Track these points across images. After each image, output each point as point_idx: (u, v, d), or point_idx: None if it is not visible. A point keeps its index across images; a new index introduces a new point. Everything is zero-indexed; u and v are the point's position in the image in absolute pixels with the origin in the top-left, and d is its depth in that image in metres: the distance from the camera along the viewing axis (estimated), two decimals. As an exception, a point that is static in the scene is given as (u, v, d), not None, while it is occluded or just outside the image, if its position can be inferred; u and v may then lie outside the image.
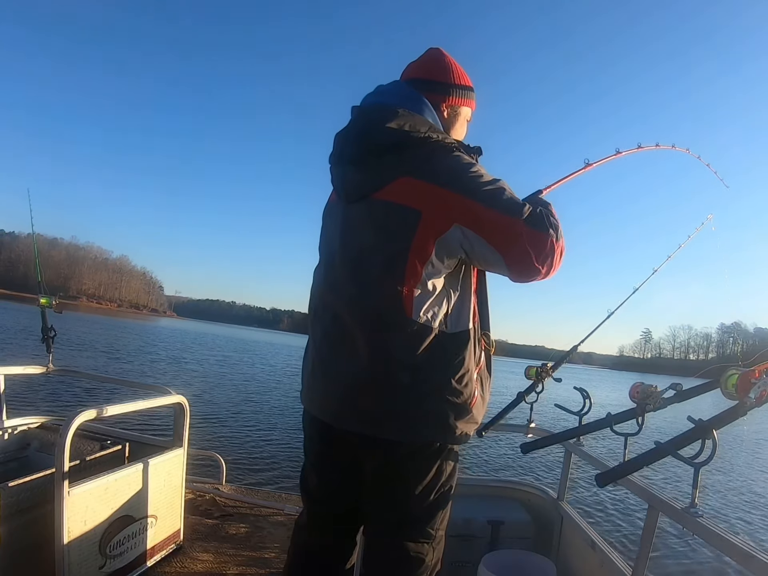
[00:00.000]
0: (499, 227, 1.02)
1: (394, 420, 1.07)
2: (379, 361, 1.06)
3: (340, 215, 1.18)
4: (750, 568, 1.05)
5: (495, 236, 1.02)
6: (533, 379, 1.95)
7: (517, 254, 1.03)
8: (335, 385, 1.13)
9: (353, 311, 1.10)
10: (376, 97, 1.19)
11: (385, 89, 1.20)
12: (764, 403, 1.09)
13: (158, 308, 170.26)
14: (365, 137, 1.10)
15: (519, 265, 1.05)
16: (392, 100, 1.14)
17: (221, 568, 2.20)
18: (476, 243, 1.03)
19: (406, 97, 1.15)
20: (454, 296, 1.10)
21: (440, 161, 1.06)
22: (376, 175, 1.09)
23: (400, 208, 1.05)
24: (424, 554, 1.14)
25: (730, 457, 9.00)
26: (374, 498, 1.17)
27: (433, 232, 1.03)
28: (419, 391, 1.06)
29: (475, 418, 1.14)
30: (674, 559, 4.15)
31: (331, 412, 1.15)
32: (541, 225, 1.03)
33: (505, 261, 1.04)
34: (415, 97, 1.15)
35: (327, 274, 1.19)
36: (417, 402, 1.06)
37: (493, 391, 1.24)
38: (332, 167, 1.21)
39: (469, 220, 1.02)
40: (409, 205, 1.04)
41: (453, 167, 1.06)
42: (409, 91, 1.16)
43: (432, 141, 1.07)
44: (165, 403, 2.14)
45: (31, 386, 7.58)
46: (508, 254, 1.03)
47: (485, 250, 1.04)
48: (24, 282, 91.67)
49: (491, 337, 1.20)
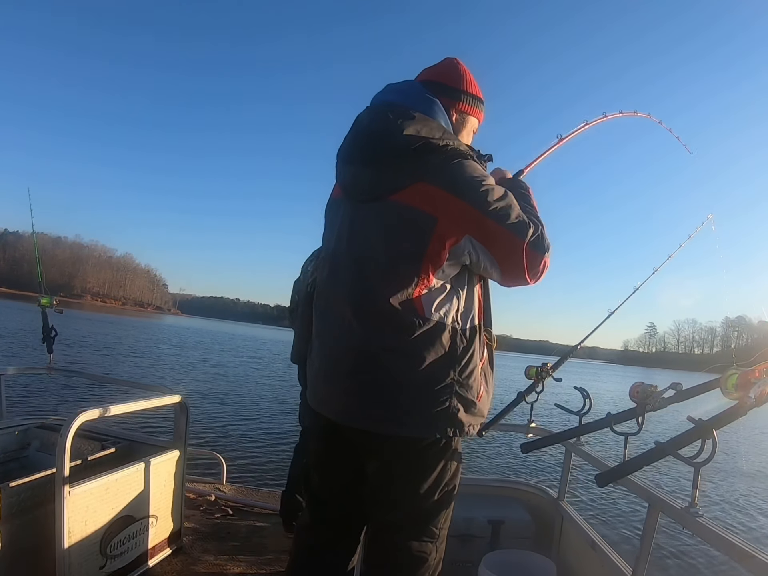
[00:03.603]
0: (505, 244, 1.09)
1: (401, 416, 1.07)
2: (388, 357, 1.07)
3: (348, 214, 1.17)
4: (750, 568, 1.05)
5: (499, 251, 1.10)
6: (533, 378, 1.94)
7: (513, 269, 1.12)
8: (342, 382, 1.13)
9: (360, 309, 1.10)
10: (387, 95, 1.19)
11: (398, 88, 1.20)
12: (764, 403, 1.09)
13: (162, 306, 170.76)
14: (381, 140, 1.10)
15: (512, 276, 1.15)
16: (406, 101, 1.14)
17: (222, 568, 2.20)
18: (482, 254, 1.10)
19: (420, 99, 1.15)
20: (463, 294, 1.14)
21: (456, 170, 1.08)
22: (392, 178, 1.10)
23: (417, 212, 1.06)
24: (427, 553, 1.14)
25: (731, 456, 8.98)
26: (379, 496, 1.17)
27: (447, 239, 1.06)
28: (430, 387, 1.07)
29: (482, 412, 1.16)
30: (674, 558, 4.14)
31: (338, 410, 1.15)
32: (540, 247, 1.11)
33: (501, 271, 1.13)
34: (429, 99, 1.16)
35: (332, 273, 1.19)
36: (428, 398, 1.07)
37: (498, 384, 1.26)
38: (340, 164, 1.20)
39: (480, 233, 1.07)
40: (426, 211, 1.06)
41: (469, 179, 1.08)
42: (422, 93, 1.17)
43: (449, 148, 1.09)
44: (165, 403, 2.14)
45: (32, 386, 7.59)
46: (506, 267, 1.12)
47: (487, 261, 1.11)
48: (29, 280, 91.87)
49: (493, 333, 1.23)
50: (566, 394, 2.18)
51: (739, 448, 9.40)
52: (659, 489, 1.44)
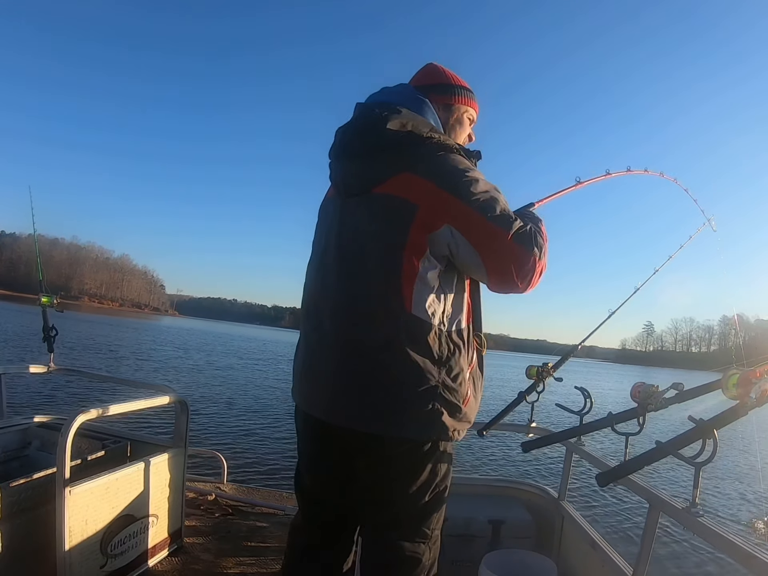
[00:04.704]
0: (486, 235, 1.05)
1: (387, 416, 1.06)
2: (374, 354, 1.06)
3: (337, 210, 1.18)
4: (750, 568, 1.05)
5: (481, 243, 1.05)
6: (534, 378, 1.95)
7: (498, 265, 1.07)
8: (328, 379, 1.12)
9: (347, 305, 1.10)
10: (380, 96, 1.22)
11: (390, 89, 1.23)
12: (765, 403, 1.09)
13: (160, 307, 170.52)
14: (368, 133, 1.12)
15: (499, 275, 1.09)
16: (396, 99, 1.17)
17: (222, 568, 2.20)
18: (462, 245, 1.06)
19: (410, 98, 1.19)
20: (450, 295, 1.12)
21: (441, 161, 1.08)
22: (378, 170, 1.10)
23: (399, 200, 1.06)
24: (420, 554, 1.13)
25: (731, 456, 8.99)
26: (369, 497, 1.16)
27: (426, 227, 1.04)
28: (414, 388, 1.05)
29: (468, 417, 1.14)
30: (675, 558, 4.15)
31: (324, 408, 1.14)
32: (527, 242, 1.06)
33: (486, 269, 1.08)
34: (419, 98, 1.19)
35: (320, 269, 1.20)
36: (412, 399, 1.05)
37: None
38: (332, 162, 1.22)
39: (459, 222, 1.04)
40: (408, 199, 1.05)
41: (452, 169, 1.07)
42: (412, 93, 1.20)
43: (434, 141, 1.09)
44: (166, 402, 2.14)
45: (32, 385, 7.59)
46: (490, 263, 1.07)
47: (470, 254, 1.06)
48: (26, 282, 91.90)
49: (483, 338, 1.21)
50: (567, 394, 2.18)
51: (740, 448, 9.41)
52: (660, 489, 1.44)
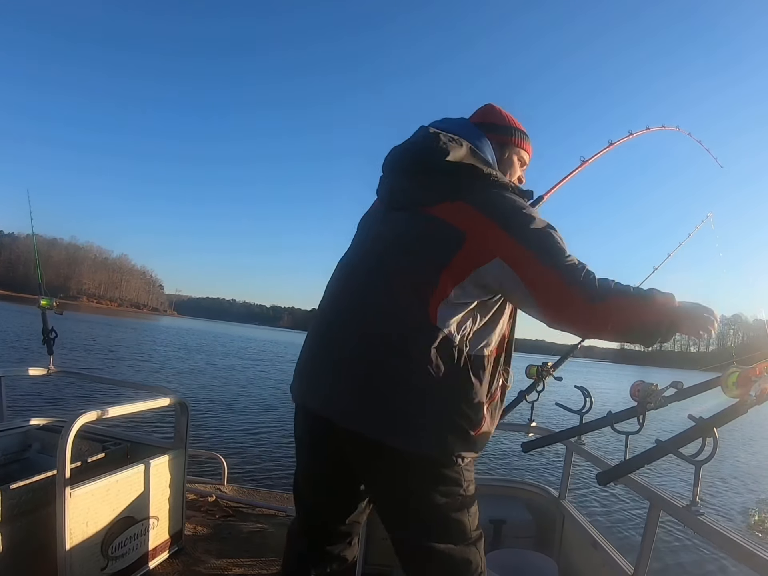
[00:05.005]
0: (536, 272, 1.02)
1: (397, 424, 1.03)
2: (393, 359, 1.04)
3: (379, 219, 1.21)
4: (751, 566, 1.05)
5: (530, 280, 1.02)
6: (534, 378, 1.95)
7: (549, 303, 1.03)
8: (342, 381, 1.09)
9: (372, 310, 1.08)
10: (442, 124, 1.24)
11: (453, 121, 1.27)
12: (765, 401, 1.09)
13: (159, 307, 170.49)
14: (427, 156, 1.13)
15: (550, 314, 1.04)
16: (457, 131, 1.20)
17: (223, 570, 2.20)
18: (511, 281, 1.03)
19: (472, 133, 1.22)
20: (483, 320, 1.10)
21: (496, 196, 1.10)
22: (430, 191, 1.12)
23: (448, 225, 1.07)
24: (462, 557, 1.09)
25: (732, 454, 9.00)
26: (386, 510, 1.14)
27: (473, 258, 1.04)
28: (426, 401, 1.03)
29: (476, 447, 1.11)
30: (676, 557, 4.15)
31: (328, 404, 1.10)
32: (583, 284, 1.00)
33: (537, 304, 1.04)
34: (480, 134, 1.22)
35: (349, 272, 1.20)
36: (422, 412, 1.03)
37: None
38: (384, 173, 1.25)
39: (511, 258, 1.02)
40: (457, 226, 1.06)
41: (507, 205, 1.08)
42: (474, 128, 1.24)
43: (492, 177, 1.12)
44: (166, 404, 2.14)
45: (32, 388, 7.58)
46: (541, 300, 1.03)
47: (520, 289, 1.03)
48: (25, 282, 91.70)
49: (511, 374, 1.21)
50: (567, 393, 2.18)
51: (740, 446, 9.42)
52: (660, 487, 1.44)
